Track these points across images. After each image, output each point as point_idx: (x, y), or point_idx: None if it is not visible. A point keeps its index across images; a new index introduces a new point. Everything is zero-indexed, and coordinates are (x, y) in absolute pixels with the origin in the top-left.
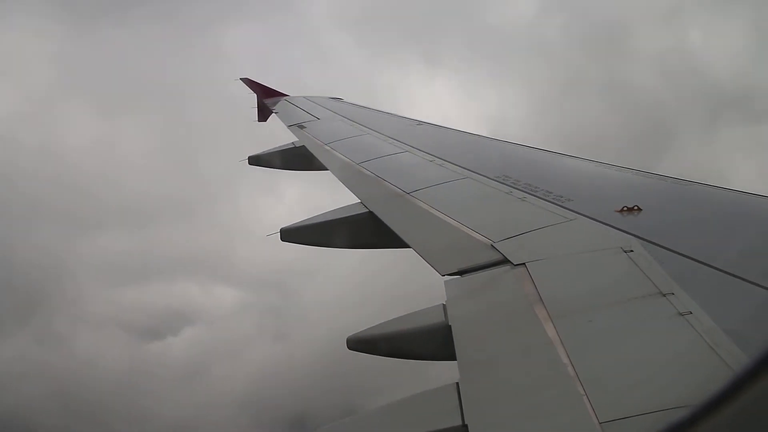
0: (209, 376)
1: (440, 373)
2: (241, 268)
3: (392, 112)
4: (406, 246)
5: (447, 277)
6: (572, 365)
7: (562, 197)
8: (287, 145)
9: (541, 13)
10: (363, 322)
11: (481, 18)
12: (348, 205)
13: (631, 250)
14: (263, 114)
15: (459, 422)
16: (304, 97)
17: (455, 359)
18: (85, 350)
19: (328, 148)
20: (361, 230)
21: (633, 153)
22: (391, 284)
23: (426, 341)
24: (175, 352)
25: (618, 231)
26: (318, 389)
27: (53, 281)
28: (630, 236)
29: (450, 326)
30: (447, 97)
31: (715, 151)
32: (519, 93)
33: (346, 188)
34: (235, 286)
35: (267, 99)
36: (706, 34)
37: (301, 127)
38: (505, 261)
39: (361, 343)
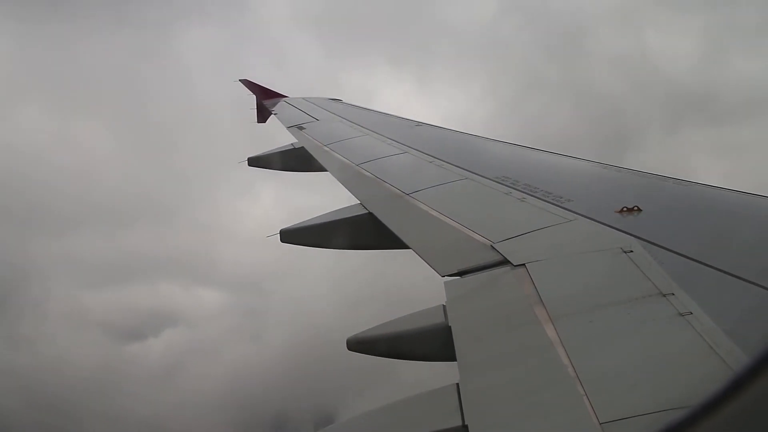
0: (196, 377)
1: (440, 374)
2: (241, 270)
3: (391, 113)
4: (405, 247)
5: (447, 278)
6: (572, 366)
7: (561, 198)
8: (287, 146)
9: (501, 12)
10: (363, 323)
11: (442, 18)
12: (348, 206)
13: (631, 251)
14: (263, 115)
15: (459, 423)
16: (303, 98)
17: (455, 360)
18: (66, 351)
19: (328, 149)
20: (360, 231)
21: (591, 154)
22: (391, 285)
23: (426, 342)
24: (172, 353)
25: (618, 231)
26: (304, 390)
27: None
28: (630, 237)
29: (450, 327)
30: (410, 96)
31: (670, 153)
32: (478, 91)
33: (346, 189)
34: (231, 288)
35: (266, 100)
36: (663, 34)
37: (300, 128)
38: (505, 262)
39: (360, 344)
